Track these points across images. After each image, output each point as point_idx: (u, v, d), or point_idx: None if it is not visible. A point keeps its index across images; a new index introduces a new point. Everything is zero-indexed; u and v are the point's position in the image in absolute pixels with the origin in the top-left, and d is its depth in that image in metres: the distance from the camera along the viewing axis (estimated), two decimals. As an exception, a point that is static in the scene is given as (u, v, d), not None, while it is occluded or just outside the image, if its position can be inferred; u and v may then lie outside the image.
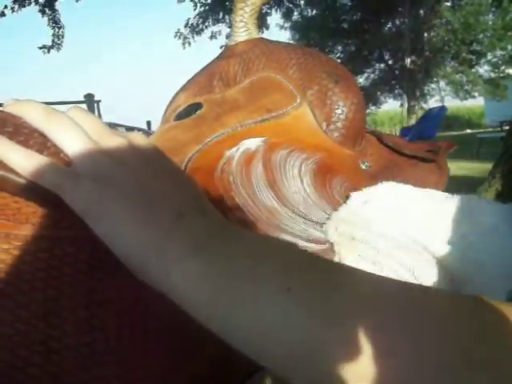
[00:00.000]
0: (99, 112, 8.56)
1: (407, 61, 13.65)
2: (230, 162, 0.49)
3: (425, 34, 13.97)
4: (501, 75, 17.43)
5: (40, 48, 11.10)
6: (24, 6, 10.33)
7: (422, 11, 13.88)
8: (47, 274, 0.29)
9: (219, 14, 14.32)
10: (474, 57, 17.01)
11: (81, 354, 0.29)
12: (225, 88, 0.60)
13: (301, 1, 16.30)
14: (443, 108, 8.32)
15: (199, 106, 0.58)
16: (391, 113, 21.36)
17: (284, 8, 15.90)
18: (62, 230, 0.31)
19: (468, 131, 16.62)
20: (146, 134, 0.37)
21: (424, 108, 11.47)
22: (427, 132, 6.73)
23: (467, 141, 8.46)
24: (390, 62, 17.64)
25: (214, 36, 14.94)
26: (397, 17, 15.24)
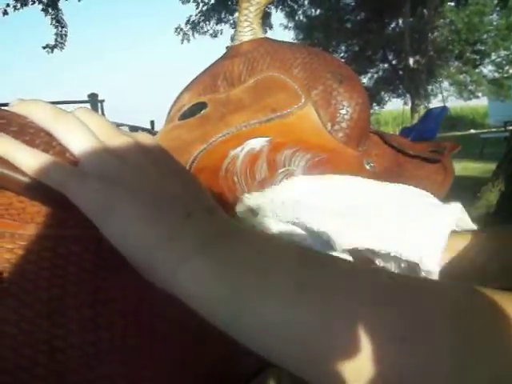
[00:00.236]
0: (103, 111, 8.57)
1: (411, 61, 13.62)
2: (235, 162, 0.49)
3: (429, 34, 13.93)
4: (505, 75, 17.40)
5: (44, 48, 11.12)
6: (26, 5, 10.34)
7: (426, 11, 13.85)
8: (51, 273, 0.29)
9: (221, 14, 14.33)
10: (478, 57, 16.99)
11: (86, 353, 0.29)
12: (229, 88, 0.60)
13: (305, 0, 16.31)
14: (444, 108, 8.27)
15: (204, 106, 0.58)
16: (395, 113, 21.32)
17: (288, 8, 15.92)
18: (67, 229, 0.31)
19: (472, 131, 16.59)
20: (150, 134, 0.37)
21: (428, 108, 11.44)
22: (428, 133, 6.68)
23: (471, 141, 8.45)
24: (394, 62, 17.62)
25: (215, 35, 14.95)
26: (401, 17, 15.21)
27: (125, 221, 0.28)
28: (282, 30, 18.00)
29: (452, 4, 14.74)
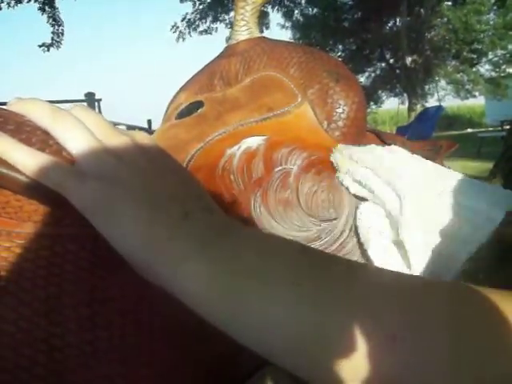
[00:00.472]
0: (100, 111, 8.54)
1: (408, 60, 13.63)
2: (232, 161, 0.49)
3: (426, 34, 13.95)
4: (502, 74, 17.41)
5: (40, 46, 11.06)
6: (21, 2, 10.28)
7: (423, 10, 13.86)
8: (48, 272, 0.29)
9: (217, 12, 14.33)
10: (475, 56, 16.99)
11: (83, 352, 0.29)
12: (226, 87, 0.60)
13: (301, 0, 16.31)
14: (440, 108, 8.24)
15: (200, 105, 0.58)
16: (392, 112, 21.35)
17: (284, 8, 15.91)
18: (63, 228, 0.31)
19: (469, 130, 16.59)
20: (147, 133, 0.37)
21: (425, 107, 11.45)
22: (424, 132, 6.66)
23: (468, 140, 8.46)
24: (391, 61, 17.62)
25: (209, 32, 14.95)
26: (398, 16, 15.21)
27: (123, 221, 0.28)
28: (280, 30, 18.01)
29: (449, 3, 14.76)
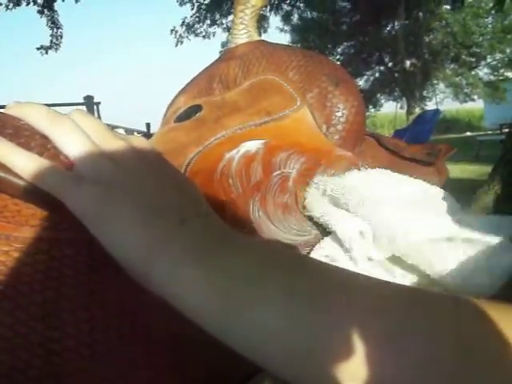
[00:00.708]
0: (99, 114, 8.55)
1: (406, 63, 13.66)
2: (230, 164, 0.49)
3: (424, 37, 13.98)
4: (500, 78, 17.47)
5: (38, 49, 11.05)
6: (19, 5, 10.27)
7: (422, 14, 13.90)
8: (46, 276, 0.29)
9: (215, 16, 14.40)
10: (474, 59, 17.04)
11: (81, 356, 0.29)
12: (225, 90, 0.60)
13: (300, 3, 16.34)
14: (437, 111, 8.24)
15: (199, 109, 0.58)
16: (391, 115, 21.38)
17: (283, 11, 15.97)
18: (61, 232, 0.30)
19: (468, 134, 16.63)
20: (145, 137, 0.37)
21: (424, 110, 11.47)
22: (422, 136, 6.66)
23: (467, 143, 8.49)
24: (390, 65, 17.66)
25: (207, 36, 15.03)
26: (396, 19, 15.24)
27: (118, 226, 0.27)
28: (278, 33, 18.07)
29: (448, 7, 14.80)
